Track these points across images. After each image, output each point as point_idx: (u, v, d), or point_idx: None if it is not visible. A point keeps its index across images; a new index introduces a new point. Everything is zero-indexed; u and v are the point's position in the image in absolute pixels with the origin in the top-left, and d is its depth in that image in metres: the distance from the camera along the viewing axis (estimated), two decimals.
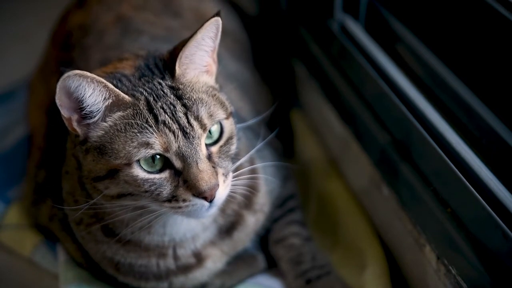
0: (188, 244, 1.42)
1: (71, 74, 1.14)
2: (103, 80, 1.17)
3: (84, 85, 1.16)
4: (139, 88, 1.23)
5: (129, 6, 1.78)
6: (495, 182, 1.29)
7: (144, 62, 1.29)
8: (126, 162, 1.19)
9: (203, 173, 1.20)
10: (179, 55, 1.24)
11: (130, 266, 1.42)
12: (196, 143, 1.20)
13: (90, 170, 1.24)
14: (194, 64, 1.28)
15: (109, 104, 1.20)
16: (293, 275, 1.56)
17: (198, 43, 1.25)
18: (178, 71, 1.25)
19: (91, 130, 1.22)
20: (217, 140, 1.27)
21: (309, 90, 2.01)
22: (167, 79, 1.25)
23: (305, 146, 1.96)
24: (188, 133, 1.20)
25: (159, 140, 1.18)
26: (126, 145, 1.18)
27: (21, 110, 2.03)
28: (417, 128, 1.45)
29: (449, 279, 1.34)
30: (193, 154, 1.20)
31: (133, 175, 1.19)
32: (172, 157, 1.20)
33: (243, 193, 1.45)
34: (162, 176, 1.21)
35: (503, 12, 1.31)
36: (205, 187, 1.19)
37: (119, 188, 1.22)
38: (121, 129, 1.20)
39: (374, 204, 1.67)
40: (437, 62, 1.53)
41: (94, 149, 1.22)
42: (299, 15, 2.07)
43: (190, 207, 1.22)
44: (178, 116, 1.20)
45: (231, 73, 1.78)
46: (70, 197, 1.40)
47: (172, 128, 1.19)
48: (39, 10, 2.65)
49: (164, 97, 1.22)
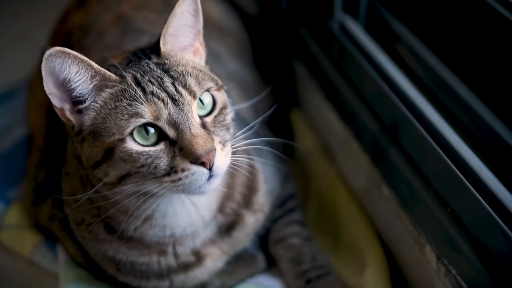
0: (187, 242, 1.42)
1: (53, 51, 1.15)
2: (87, 59, 1.18)
3: (68, 63, 1.17)
4: (126, 69, 1.25)
5: (129, 5, 1.78)
6: (495, 182, 1.29)
7: (131, 52, 1.31)
8: (119, 137, 1.19)
9: (197, 138, 1.19)
10: (161, 33, 1.27)
11: (132, 264, 1.42)
12: (186, 110, 1.20)
13: (88, 157, 1.24)
14: (178, 41, 1.30)
15: (97, 83, 1.21)
16: (293, 275, 1.56)
17: (179, 18, 1.27)
18: (163, 48, 1.28)
19: (84, 116, 1.23)
20: (211, 111, 1.27)
21: (309, 90, 2.01)
22: (153, 58, 1.27)
23: (305, 146, 1.96)
24: (177, 99, 1.20)
25: (148, 109, 1.19)
26: (117, 120, 1.19)
27: (21, 110, 2.03)
28: (417, 128, 1.45)
29: (449, 279, 1.34)
30: (184, 120, 1.20)
31: (127, 149, 1.19)
32: (164, 126, 1.20)
33: (242, 191, 1.45)
34: (158, 148, 1.20)
35: (503, 12, 1.31)
36: (201, 151, 1.18)
37: (117, 169, 1.21)
38: (111, 107, 1.21)
39: (374, 204, 1.67)
40: (437, 62, 1.53)
41: (89, 135, 1.23)
42: (299, 15, 2.07)
43: (189, 176, 1.20)
44: (166, 85, 1.21)
45: (231, 72, 1.78)
46: (70, 198, 1.40)
47: (161, 96, 1.20)
48: (39, 10, 2.65)
49: (151, 71, 1.24)
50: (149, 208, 1.28)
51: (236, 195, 1.46)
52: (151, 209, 1.29)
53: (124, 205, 1.28)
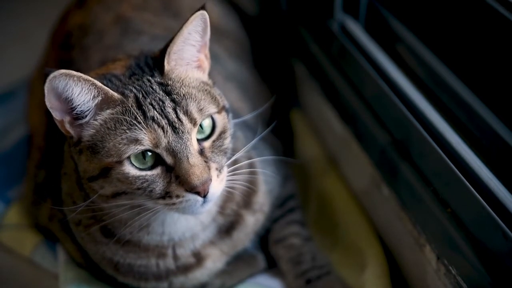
0: (187, 244, 1.42)
1: (57, 74, 1.14)
2: (90, 78, 1.17)
3: (71, 84, 1.16)
4: (128, 86, 1.23)
5: (129, 6, 1.78)
6: (495, 182, 1.29)
7: (135, 62, 1.29)
8: (117, 159, 1.19)
9: (194, 168, 1.19)
10: (167, 51, 1.24)
11: (130, 266, 1.42)
12: (186, 138, 1.20)
13: (84, 170, 1.24)
14: (183, 59, 1.28)
15: (99, 102, 1.20)
16: (293, 275, 1.56)
17: (185, 38, 1.25)
18: (167, 67, 1.26)
19: (83, 130, 1.22)
20: (210, 135, 1.26)
21: (309, 90, 2.01)
22: (156, 76, 1.25)
23: (305, 146, 1.96)
24: (177, 128, 1.20)
25: (148, 136, 1.18)
26: (116, 142, 1.18)
27: (21, 110, 2.03)
28: (417, 128, 1.45)
29: (449, 279, 1.34)
30: (183, 149, 1.19)
31: (124, 172, 1.19)
32: (162, 153, 1.20)
33: (242, 191, 1.45)
34: (154, 173, 1.21)
35: (503, 12, 1.31)
36: (197, 182, 1.19)
37: (113, 187, 1.22)
38: (111, 126, 1.20)
39: (374, 204, 1.67)
40: (437, 62, 1.53)
41: (87, 149, 1.22)
42: (299, 15, 2.07)
43: (184, 203, 1.21)
44: (167, 111, 1.20)
45: (231, 73, 1.78)
46: (68, 198, 1.41)
47: (161, 123, 1.19)
48: (39, 10, 2.65)
49: (153, 93, 1.22)
50: (144, 218, 1.28)
51: (236, 196, 1.46)
52: (147, 219, 1.29)
53: (119, 215, 1.28)
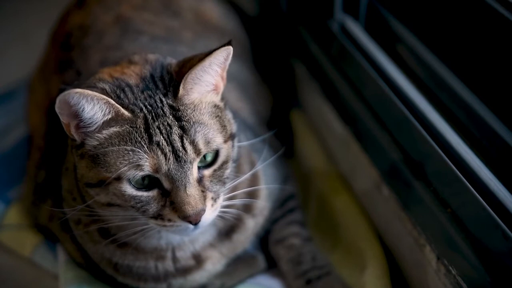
0: (187, 247, 1.42)
1: (72, 92, 1.14)
2: (104, 97, 1.16)
3: (83, 103, 1.16)
4: (139, 102, 1.21)
5: (129, 6, 1.78)
6: (495, 182, 1.29)
7: (150, 72, 1.26)
8: (116, 177, 1.19)
9: (190, 198, 1.19)
10: (184, 76, 1.21)
11: (128, 267, 1.42)
12: (187, 167, 1.19)
13: (82, 175, 1.25)
14: (199, 86, 1.24)
15: (108, 119, 1.19)
16: (293, 276, 1.56)
17: (206, 68, 1.22)
18: (182, 91, 1.22)
19: (87, 137, 1.22)
20: (211, 163, 1.25)
21: (309, 90, 2.01)
22: (169, 96, 1.22)
23: (305, 146, 1.95)
24: (180, 156, 1.18)
25: (149, 162, 1.17)
26: (118, 161, 1.18)
27: (21, 110, 2.03)
28: (417, 128, 1.45)
29: (449, 279, 1.34)
30: (182, 178, 1.19)
31: (121, 190, 1.20)
32: (161, 178, 1.20)
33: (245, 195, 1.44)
34: (150, 195, 1.21)
35: (503, 12, 1.31)
36: (191, 212, 1.19)
37: (108, 198, 1.23)
38: (115, 143, 1.19)
39: (374, 204, 1.67)
40: (437, 62, 1.53)
41: (89, 157, 1.22)
42: (299, 15, 2.07)
43: (174, 227, 1.23)
44: (173, 138, 1.19)
45: (231, 73, 1.77)
46: (68, 195, 1.41)
47: (165, 150, 1.18)
48: (39, 10, 2.65)
49: (163, 117, 1.20)
50: (136, 226, 1.28)
51: (237, 203, 1.45)
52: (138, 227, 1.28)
53: (113, 220, 1.29)
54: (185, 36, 1.77)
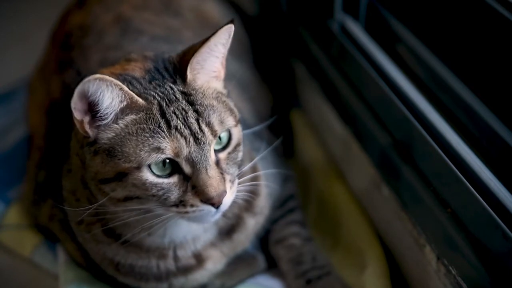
0: (188, 246, 1.42)
1: (92, 78, 1.14)
2: (119, 83, 1.17)
3: (103, 89, 1.16)
4: (150, 91, 1.22)
5: (129, 6, 1.78)
6: (495, 182, 1.29)
7: (153, 65, 1.28)
8: (136, 165, 1.18)
9: (212, 180, 1.20)
10: (190, 60, 1.23)
11: (131, 267, 1.42)
12: (206, 149, 1.20)
13: (97, 171, 1.23)
14: (204, 69, 1.27)
15: (124, 106, 1.20)
16: (293, 276, 1.56)
17: (211, 49, 1.25)
18: (190, 76, 1.25)
19: (101, 132, 1.21)
20: (225, 146, 1.27)
21: (309, 90, 2.01)
22: (178, 84, 1.24)
23: (305, 146, 1.95)
24: (199, 139, 1.20)
25: (170, 145, 1.18)
26: (137, 149, 1.18)
27: (21, 110, 2.03)
28: (417, 129, 1.45)
29: (449, 279, 1.34)
30: (203, 160, 1.20)
31: (142, 179, 1.19)
32: (182, 162, 1.20)
33: (245, 198, 1.45)
34: (171, 181, 1.21)
35: (503, 12, 1.31)
36: (214, 194, 1.20)
37: (126, 191, 1.22)
38: (132, 132, 1.19)
39: (374, 204, 1.67)
40: (437, 62, 1.53)
41: (103, 151, 1.21)
42: (299, 15, 2.07)
43: (197, 212, 1.22)
44: (190, 122, 1.20)
45: (231, 73, 1.78)
46: (71, 196, 1.40)
47: (184, 133, 1.19)
48: (39, 10, 2.65)
49: (176, 102, 1.21)
50: (149, 221, 1.28)
51: (239, 201, 1.46)
52: (148, 223, 1.28)
53: (123, 217, 1.28)
54: (186, 36, 1.76)
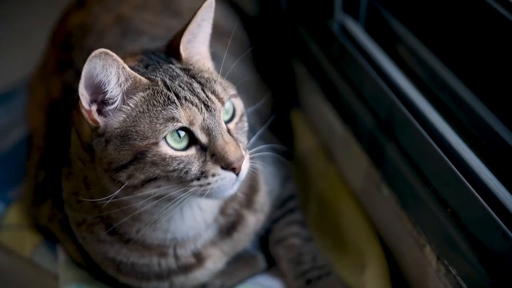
0: (188, 244, 1.42)
1: (97, 52, 1.15)
2: (122, 62, 1.18)
3: (109, 63, 1.16)
4: (151, 72, 1.25)
5: (129, 6, 1.78)
6: (495, 182, 1.29)
7: (145, 56, 1.30)
8: (154, 141, 1.19)
9: (229, 145, 1.22)
10: (181, 39, 1.28)
11: (132, 265, 1.42)
12: (218, 116, 1.23)
13: (111, 160, 1.21)
14: (195, 48, 1.31)
15: (129, 86, 1.21)
16: (293, 276, 1.56)
17: (199, 25, 1.29)
18: (184, 54, 1.29)
19: (111, 118, 1.22)
20: (232, 117, 1.29)
21: (309, 90, 2.01)
22: (175, 63, 1.28)
23: (305, 146, 1.96)
24: (209, 106, 1.22)
25: (184, 114, 1.19)
26: (152, 123, 1.19)
27: (21, 110, 2.03)
28: (417, 129, 1.45)
29: (449, 279, 1.34)
30: (217, 126, 1.22)
31: (161, 153, 1.19)
32: (197, 131, 1.21)
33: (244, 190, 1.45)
34: (189, 153, 1.21)
35: (503, 12, 1.31)
36: (233, 158, 1.21)
37: (145, 173, 1.20)
38: (143, 110, 1.20)
39: (374, 204, 1.67)
40: (437, 62, 1.53)
41: (116, 137, 1.21)
42: (299, 15, 2.07)
43: (219, 182, 1.22)
44: (197, 91, 1.23)
45: (231, 73, 1.78)
46: (72, 198, 1.40)
47: (194, 102, 1.21)
48: (39, 10, 2.65)
49: (179, 77, 1.24)
50: (156, 213, 1.28)
51: (238, 195, 1.46)
52: (158, 214, 1.28)
53: (132, 208, 1.27)
54: None
